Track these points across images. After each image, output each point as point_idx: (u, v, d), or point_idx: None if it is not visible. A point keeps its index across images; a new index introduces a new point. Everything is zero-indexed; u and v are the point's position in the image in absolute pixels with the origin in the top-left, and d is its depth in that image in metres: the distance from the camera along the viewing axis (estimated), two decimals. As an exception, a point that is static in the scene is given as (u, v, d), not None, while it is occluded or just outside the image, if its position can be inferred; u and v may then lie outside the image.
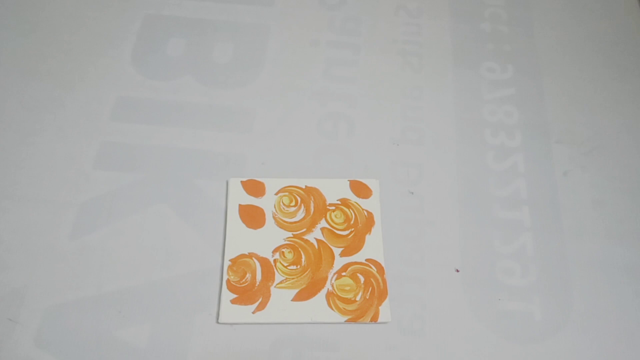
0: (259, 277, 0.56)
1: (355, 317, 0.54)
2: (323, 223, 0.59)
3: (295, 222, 0.59)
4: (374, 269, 0.57)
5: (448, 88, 0.71)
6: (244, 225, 0.59)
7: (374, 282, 0.56)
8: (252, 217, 0.59)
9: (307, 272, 0.56)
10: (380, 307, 0.55)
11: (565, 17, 0.79)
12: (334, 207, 0.60)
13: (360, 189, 0.62)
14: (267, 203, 0.60)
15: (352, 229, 0.59)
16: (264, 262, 0.57)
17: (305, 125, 0.67)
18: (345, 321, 0.54)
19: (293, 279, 0.56)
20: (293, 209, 0.60)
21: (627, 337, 0.48)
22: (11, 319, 0.53)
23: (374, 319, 0.54)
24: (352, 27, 0.76)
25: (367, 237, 0.59)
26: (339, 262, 0.57)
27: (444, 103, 0.70)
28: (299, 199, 0.61)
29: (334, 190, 0.62)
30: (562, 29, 0.77)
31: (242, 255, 0.57)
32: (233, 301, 0.54)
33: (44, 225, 0.58)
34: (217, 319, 0.54)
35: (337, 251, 0.58)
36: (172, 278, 0.56)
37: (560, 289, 0.49)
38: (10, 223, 0.58)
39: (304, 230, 0.59)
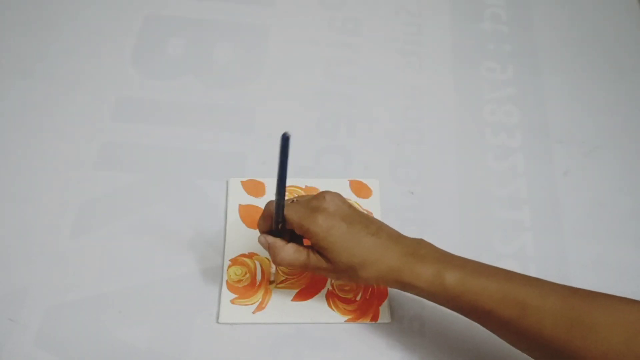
0: (259, 277, 0.56)
1: (355, 317, 0.54)
2: (323, 223, 0.59)
3: (295, 222, 0.59)
4: (374, 269, 0.57)
5: (448, 88, 0.71)
6: (244, 225, 0.59)
7: (374, 282, 0.56)
8: (252, 217, 0.59)
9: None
10: (380, 307, 0.55)
11: (565, 17, 0.79)
12: (334, 207, 0.60)
13: (360, 189, 0.62)
14: (267, 203, 0.60)
15: (352, 229, 0.59)
16: (264, 262, 0.57)
17: (305, 125, 0.67)
18: (345, 321, 0.54)
19: (293, 279, 0.56)
20: (293, 209, 0.60)
21: (627, 337, 0.49)
22: (11, 319, 0.53)
23: (374, 319, 0.54)
24: (352, 27, 0.76)
25: (367, 237, 0.59)
26: (339, 262, 0.57)
27: (444, 103, 0.70)
28: (299, 199, 0.61)
29: (334, 190, 0.61)
30: (562, 29, 0.77)
31: (242, 255, 0.57)
32: (233, 301, 0.54)
33: (44, 225, 0.58)
34: (217, 319, 0.54)
35: (337, 251, 0.58)
36: (172, 278, 0.56)
37: (560, 289, 0.50)
38: (10, 223, 0.58)
39: (304, 230, 0.59)
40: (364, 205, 0.61)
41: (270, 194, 0.61)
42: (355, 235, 0.46)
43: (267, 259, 0.57)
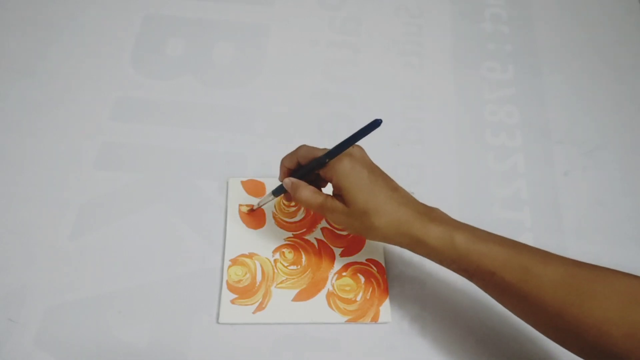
0: (259, 277, 0.56)
1: (356, 317, 0.54)
2: (323, 223, 0.59)
3: (295, 222, 0.59)
4: (374, 269, 0.57)
5: (448, 88, 0.71)
6: (244, 225, 0.59)
7: (374, 282, 0.56)
8: (252, 217, 0.59)
9: (307, 272, 0.56)
10: (380, 307, 0.55)
11: (566, 17, 0.79)
12: (334, 207, 0.60)
13: (361, 189, 0.62)
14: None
15: (353, 229, 0.59)
16: (264, 262, 0.57)
17: (305, 125, 0.67)
18: (345, 321, 0.54)
19: (293, 279, 0.56)
20: (293, 209, 0.60)
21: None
22: (11, 319, 0.53)
23: (375, 319, 0.54)
24: (352, 27, 0.76)
25: (368, 237, 0.59)
26: (340, 262, 0.57)
27: (444, 103, 0.70)
28: (299, 199, 0.61)
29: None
30: (562, 29, 0.78)
31: (242, 255, 0.57)
32: (233, 301, 0.54)
33: (44, 225, 0.58)
34: (217, 319, 0.54)
35: (337, 251, 0.58)
36: (172, 278, 0.56)
37: (560, 289, 0.50)
38: (10, 223, 0.58)
39: (304, 230, 0.59)
40: (364, 205, 0.61)
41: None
42: (375, 184, 0.48)
43: (268, 259, 0.57)
